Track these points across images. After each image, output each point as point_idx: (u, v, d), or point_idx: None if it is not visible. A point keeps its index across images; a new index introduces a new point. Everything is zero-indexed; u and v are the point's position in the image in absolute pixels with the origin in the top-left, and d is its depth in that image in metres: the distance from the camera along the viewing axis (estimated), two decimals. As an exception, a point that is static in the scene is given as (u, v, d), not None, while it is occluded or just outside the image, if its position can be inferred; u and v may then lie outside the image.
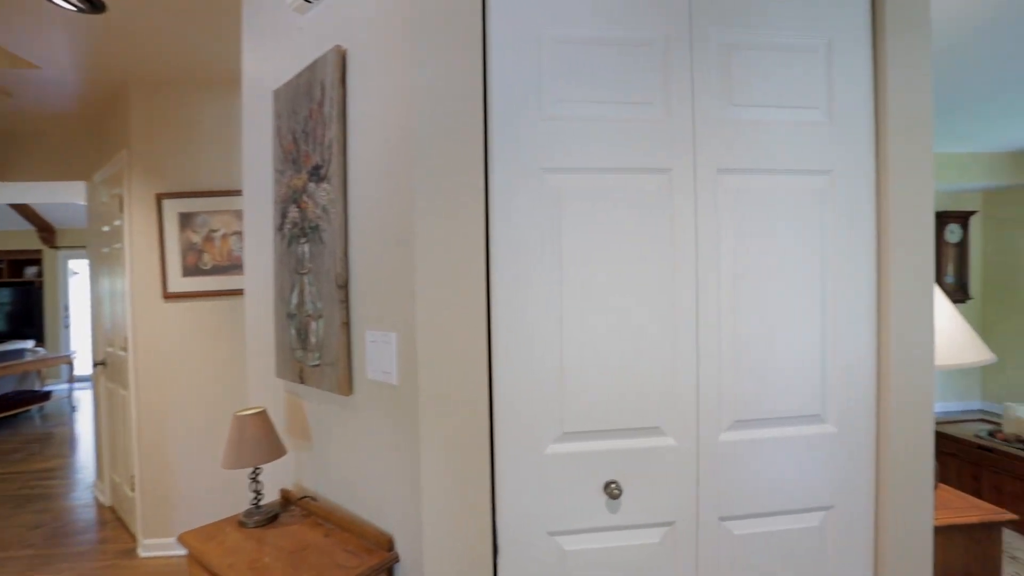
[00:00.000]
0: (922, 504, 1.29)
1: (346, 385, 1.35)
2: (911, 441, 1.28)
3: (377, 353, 1.25)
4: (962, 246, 5.52)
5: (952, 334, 1.49)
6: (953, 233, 5.50)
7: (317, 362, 1.42)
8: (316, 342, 1.43)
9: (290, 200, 1.51)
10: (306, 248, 1.45)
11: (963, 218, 5.50)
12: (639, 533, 1.23)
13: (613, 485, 1.19)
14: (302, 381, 1.48)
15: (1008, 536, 2.93)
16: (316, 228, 1.41)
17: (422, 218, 1.14)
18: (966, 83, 3.25)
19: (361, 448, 1.34)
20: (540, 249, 1.18)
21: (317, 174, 1.40)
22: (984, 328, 5.62)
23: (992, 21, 2.48)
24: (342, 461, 1.41)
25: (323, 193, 1.38)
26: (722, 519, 1.25)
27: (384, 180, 1.23)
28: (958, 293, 5.54)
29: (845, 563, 1.29)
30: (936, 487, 1.86)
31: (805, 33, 1.25)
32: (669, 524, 1.23)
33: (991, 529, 1.73)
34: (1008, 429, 3.25)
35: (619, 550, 1.22)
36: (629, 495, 1.21)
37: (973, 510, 1.70)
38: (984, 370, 5.59)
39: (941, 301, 1.56)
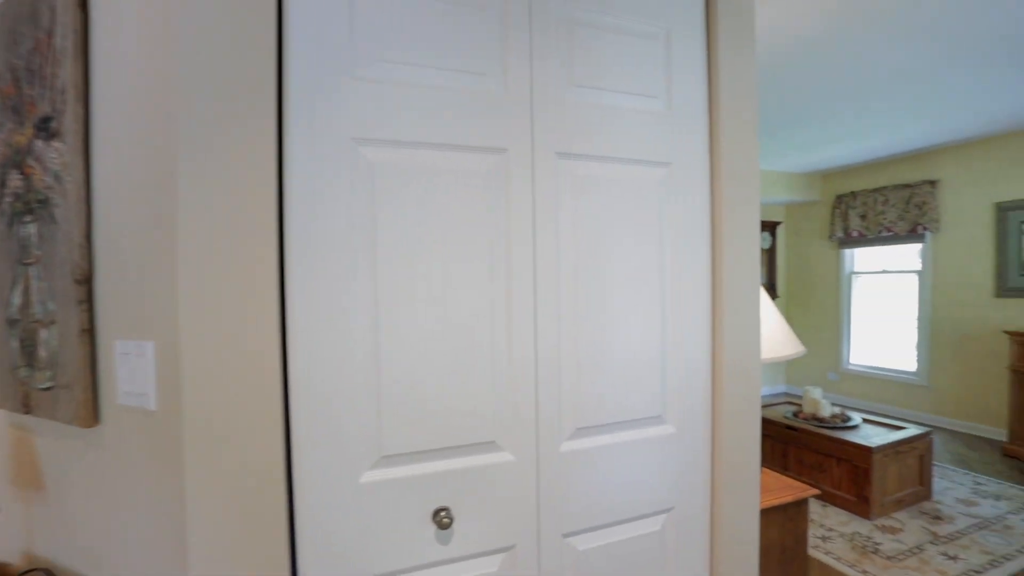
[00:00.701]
0: (750, 494, 1.32)
1: (89, 413, 1.00)
2: (742, 433, 1.30)
3: (129, 370, 0.94)
4: (772, 252, 6.38)
5: (773, 330, 1.59)
6: (765, 240, 6.34)
7: (49, 384, 1.05)
8: (48, 357, 1.05)
9: (10, 163, 1.10)
10: (33, 229, 1.06)
11: (772, 227, 6.37)
12: (475, 563, 1.07)
13: (443, 513, 1.02)
14: (29, 411, 1.09)
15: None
16: (46, 202, 1.03)
17: (189, 192, 0.86)
18: (771, 114, 3.70)
19: (112, 497, 1.00)
20: (350, 235, 0.96)
21: (47, 128, 1.02)
22: (788, 322, 6.57)
23: (779, 69, 2.82)
24: (88, 516, 1.05)
25: (55, 154, 1.01)
26: (565, 536, 1.15)
27: (140, 141, 0.92)
28: (769, 292, 6.40)
29: (684, 562, 1.27)
30: (757, 471, 2.00)
31: (646, 20, 1.20)
32: (508, 549, 1.10)
33: (800, 504, 1.89)
34: (807, 409, 3.75)
35: (452, 587, 1.05)
36: (463, 522, 1.05)
37: (788, 490, 1.84)
38: (787, 358, 6.54)
39: (765, 299, 1.66)
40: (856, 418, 3.62)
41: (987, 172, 4.62)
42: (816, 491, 1.87)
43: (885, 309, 5.59)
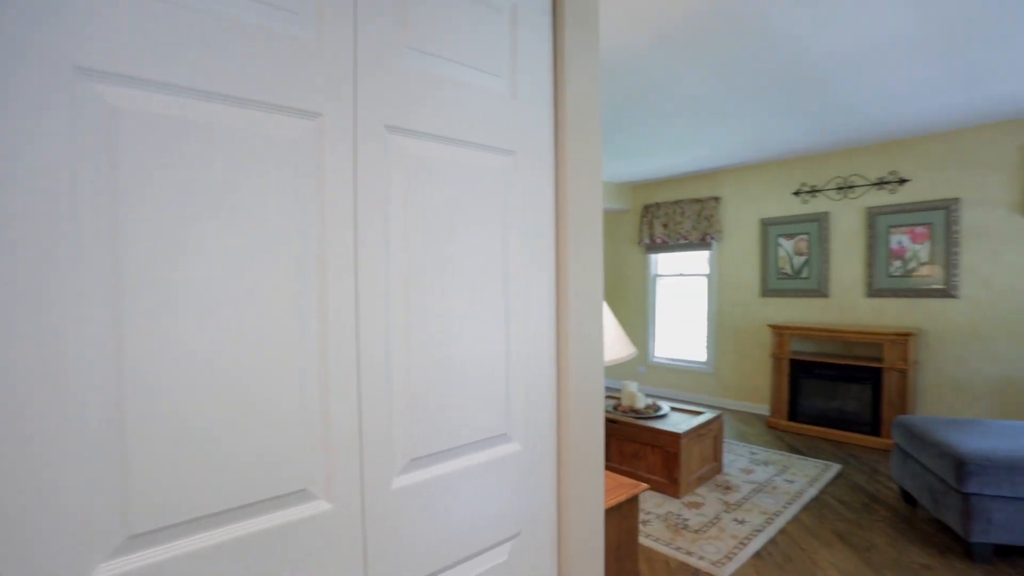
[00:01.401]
0: (596, 504, 1.27)
1: None
2: (587, 440, 1.24)
3: None
4: (593, 256, 6.90)
5: (610, 333, 1.59)
6: (587, 246, 6.84)
7: None
8: None
9: None
10: None
11: (593, 234, 6.90)
12: (279, 652, 0.82)
13: (231, 597, 0.75)
14: None
15: (629, 489, 3.63)
16: None
17: None
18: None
19: None
20: (75, 215, 0.64)
21: None
22: (606, 321, 7.17)
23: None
24: None
25: None
26: (398, 589, 0.95)
27: None
28: (590, 294, 6.90)
29: (530, 589, 1.16)
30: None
31: (488, -11, 1.06)
32: (326, 622, 0.86)
33: (633, 501, 1.95)
34: (625, 402, 4.06)
35: None
36: (260, 603, 0.79)
37: (621, 488, 1.88)
38: (606, 354, 7.14)
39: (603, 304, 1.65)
40: (665, 407, 4.02)
41: (755, 192, 5.58)
42: (646, 486, 1.95)
43: (682, 307, 6.42)
